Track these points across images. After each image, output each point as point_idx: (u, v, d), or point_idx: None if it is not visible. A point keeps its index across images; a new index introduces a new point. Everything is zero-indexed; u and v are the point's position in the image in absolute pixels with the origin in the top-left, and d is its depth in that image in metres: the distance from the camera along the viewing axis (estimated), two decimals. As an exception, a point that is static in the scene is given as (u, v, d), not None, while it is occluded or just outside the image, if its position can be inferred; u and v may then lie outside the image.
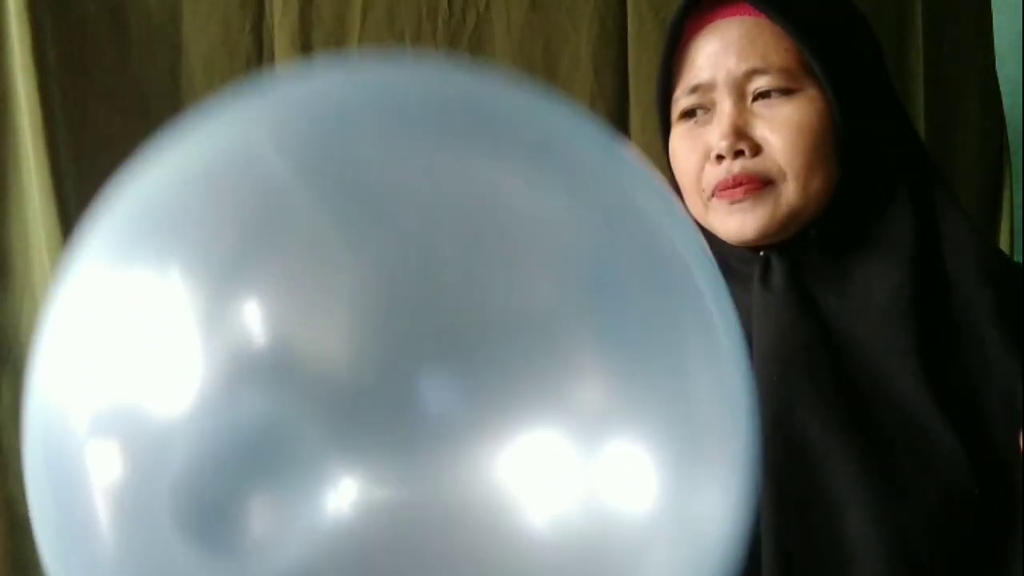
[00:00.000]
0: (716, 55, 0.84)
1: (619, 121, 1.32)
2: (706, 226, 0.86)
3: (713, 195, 0.83)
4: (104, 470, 0.44)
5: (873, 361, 0.80)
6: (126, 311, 0.44)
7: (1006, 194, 1.42)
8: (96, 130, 1.21)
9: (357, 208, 0.42)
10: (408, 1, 1.28)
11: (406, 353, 0.40)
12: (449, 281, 0.41)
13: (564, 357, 0.42)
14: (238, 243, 0.43)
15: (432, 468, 0.40)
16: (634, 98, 1.32)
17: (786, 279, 0.83)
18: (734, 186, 0.82)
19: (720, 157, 0.83)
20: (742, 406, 0.49)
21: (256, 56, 1.26)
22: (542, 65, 1.30)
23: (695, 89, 0.85)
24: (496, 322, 0.41)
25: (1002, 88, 1.41)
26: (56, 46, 1.17)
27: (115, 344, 0.44)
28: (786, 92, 0.82)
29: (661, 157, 1.37)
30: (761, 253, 0.85)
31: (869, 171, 0.84)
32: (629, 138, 1.33)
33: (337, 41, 1.27)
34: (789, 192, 0.82)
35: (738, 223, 0.82)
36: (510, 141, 0.46)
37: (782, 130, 0.82)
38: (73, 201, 1.15)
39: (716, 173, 0.83)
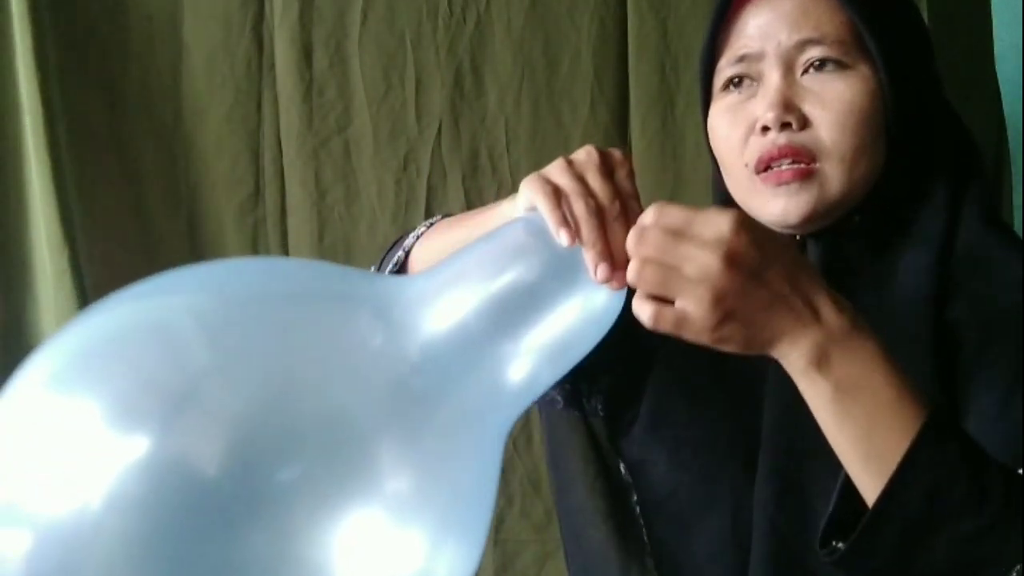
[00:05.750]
0: (767, 25, 0.81)
1: (619, 121, 1.33)
2: (744, 207, 0.82)
3: (757, 171, 0.80)
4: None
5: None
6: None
7: (1006, 194, 1.42)
8: (96, 130, 1.21)
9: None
10: (408, 1, 1.28)
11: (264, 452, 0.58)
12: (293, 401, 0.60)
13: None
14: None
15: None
16: (634, 98, 1.32)
17: (818, 266, 0.80)
18: (779, 157, 0.78)
19: (766, 129, 0.79)
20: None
21: (256, 56, 1.26)
22: (542, 65, 1.30)
23: (742, 59, 0.82)
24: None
25: (1002, 88, 1.41)
26: (57, 47, 1.17)
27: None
28: (839, 65, 0.79)
29: (661, 157, 1.38)
30: (797, 237, 0.82)
31: (914, 158, 0.82)
32: (629, 138, 1.33)
33: (337, 41, 1.27)
34: (834, 176, 0.79)
35: (781, 208, 0.79)
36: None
37: (832, 106, 0.79)
38: (73, 201, 1.15)
39: (761, 144, 0.80)
